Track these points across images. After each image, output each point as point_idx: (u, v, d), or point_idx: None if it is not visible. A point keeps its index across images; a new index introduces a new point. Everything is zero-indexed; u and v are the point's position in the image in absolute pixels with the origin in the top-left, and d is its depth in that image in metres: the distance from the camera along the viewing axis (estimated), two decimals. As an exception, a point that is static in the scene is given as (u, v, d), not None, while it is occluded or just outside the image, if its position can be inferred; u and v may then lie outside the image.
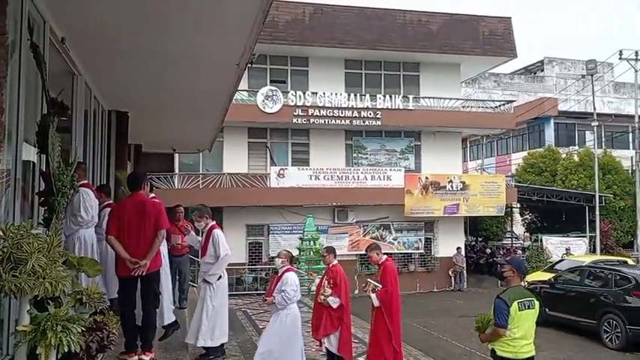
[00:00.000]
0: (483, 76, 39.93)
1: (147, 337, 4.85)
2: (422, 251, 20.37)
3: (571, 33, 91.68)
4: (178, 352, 5.87)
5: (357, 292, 18.98)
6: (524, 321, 5.07)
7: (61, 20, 4.27)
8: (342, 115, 18.63)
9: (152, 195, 5.69)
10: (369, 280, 6.91)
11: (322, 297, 6.90)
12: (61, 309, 3.25)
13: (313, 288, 7.84)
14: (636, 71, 23.64)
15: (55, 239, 3.41)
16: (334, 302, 6.79)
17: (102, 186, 6.48)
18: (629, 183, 23.89)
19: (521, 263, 5.73)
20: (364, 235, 19.66)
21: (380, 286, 6.63)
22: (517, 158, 30.69)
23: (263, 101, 17.93)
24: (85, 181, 5.36)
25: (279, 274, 6.61)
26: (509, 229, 27.90)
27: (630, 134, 26.29)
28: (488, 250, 24.39)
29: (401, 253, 20.16)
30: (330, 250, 7.42)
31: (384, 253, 7.49)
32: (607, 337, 11.34)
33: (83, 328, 3.38)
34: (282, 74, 19.71)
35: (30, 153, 4.03)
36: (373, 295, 6.66)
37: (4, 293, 2.94)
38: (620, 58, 23.66)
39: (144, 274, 4.68)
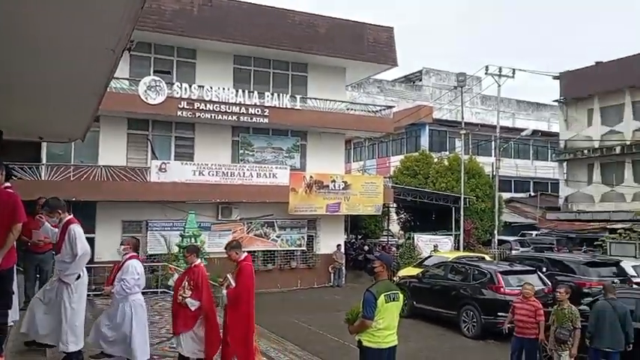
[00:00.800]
0: (368, 81, 41.86)
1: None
2: (304, 248, 20.82)
3: (450, 47, 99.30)
4: (36, 356, 5.45)
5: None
6: (389, 312, 5.42)
7: None
8: (230, 111, 18.35)
9: (7, 184, 5.19)
10: (227, 276, 6.74)
11: (181, 297, 6.66)
12: None
13: (171, 283, 7.51)
14: (499, 86, 26.31)
15: None
16: (192, 305, 6.57)
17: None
18: (490, 187, 26.50)
19: (389, 259, 6.15)
20: (248, 233, 19.63)
21: (234, 284, 6.53)
22: (395, 161, 32.57)
23: (145, 91, 17.05)
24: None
25: (121, 263, 6.38)
26: (386, 227, 29.58)
27: (492, 142, 29.15)
28: (366, 248, 25.61)
29: (284, 250, 20.45)
30: (192, 250, 7.15)
31: (248, 251, 7.45)
32: (465, 327, 12.50)
33: None
34: (168, 65, 18.95)
35: None
36: (224, 292, 6.57)
37: None
38: (486, 73, 26.17)
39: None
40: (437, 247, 21.92)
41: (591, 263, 14.27)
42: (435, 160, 28.29)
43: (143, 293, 14.15)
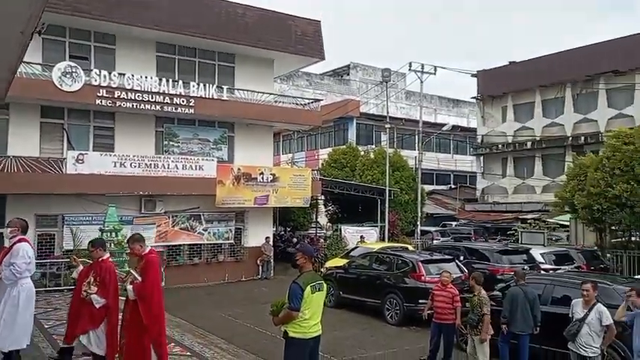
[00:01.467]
0: (297, 74, 41.98)
1: None
2: (232, 241, 20.57)
3: (380, 42, 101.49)
4: None
5: (164, 284, 18.44)
6: (315, 303, 5.53)
7: None
8: (153, 100, 17.64)
9: None
10: (130, 270, 6.53)
11: (85, 293, 6.37)
12: None
13: (74, 275, 7.08)
14: (422, 82, 27.29)
15: None
16: (98, 302, 6.31)
17: None
18: (413, 179, 27.49)
19: (311, 250, 6.23)
20: (173, 226, 19.09)
21: (140, 278, 6.31)
22: (324, 154, 32.97)
23: (60, 77, 16.00)
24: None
25: (9, 246, 6.03)
26: (314, 219, 29.89)
27: (416, 137, 30.25)
28: (294, 240, 25.74)
29: (211, 244, 20.09)
30: (98, 244, 6.86)
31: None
32: (388, 314, 12.92)
33: None
34: (85, 50, 17.90)
35: None
36: (129, 287, 6.29)
37: None
38: (409, 70, 27.05)
39: None
40: (363, 238, 22.44)
41: (504, 251, 15.22)
42: (362, 153, 28.92)
43: (59, 290, 13.46)
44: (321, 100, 25.37)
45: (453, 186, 39.02)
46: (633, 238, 19.26)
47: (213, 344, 9.87)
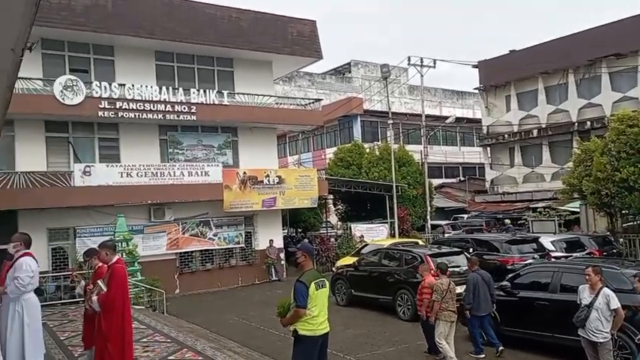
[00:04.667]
0: (299, 74, 42.04)
1: None
2: (243, 245, 20.65)
3: (379, 38, 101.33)
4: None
5: (177, 291, 18.57)
6: (320, 300, 5.57)
7: None
8: (155, 109, 17.76)
9: None
10: (98, 281, 6.36)
11: (88, 305, 6.36)
12: None
13: (78, 290, 7.03)
14: (422, 75, 27.22)
15: None
16: (97, 307, 6.22)
17: None
18: (420, 174, 27.43)
19: (311, 248, 6.24)
20: (183, 233, 19.19)
21: (105, 288, 6.16)
22: (331, 153, 32.96)
23: (62, 92, 16.16)
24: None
25: (12, 261, 6.06)
26: (325, 219, 29.90)
27: (421, 131, 30.09)
28: (306, 240, 25.75)
29: (222, 249, 20.19)
30: (90, 253, 6.84)
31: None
32: (400, 310, 12.88)
33: None
34: (84, 63, 18.03)
35: None
36: (94, 298, 6.16)
37: None
38: (408, 64, 26.97)
39: None
40: (362, 237, 22.42)
41: (513, 241, 15.10)
42: (367, 150, 28.88)
43: (74, 302, 13.57)
44: (322, 99, 25.37)
45: (462, 178, 38.81)
46: (644, 221, 19.06)
47: (227, 348, 9.90)
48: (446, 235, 24.71)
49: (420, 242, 19.63)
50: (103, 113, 16.91)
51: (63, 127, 17.56)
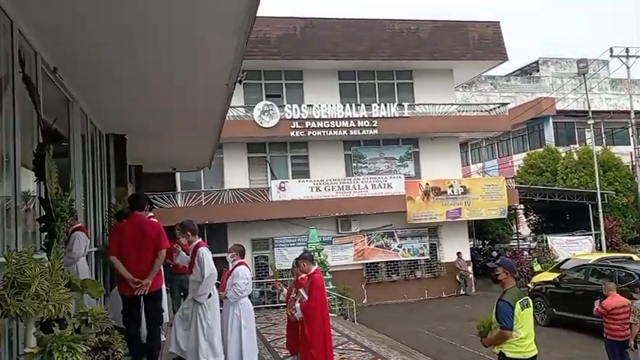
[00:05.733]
0: (480, 79, 40.14)
1: (153, 354, 4.93)
2: (427, 257, 20.37)
3: (566, 32, 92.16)
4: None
5: (365, 301, 19.06)
6: (526, 320, 5.15)
7: (51, 51, 4.39)
8: (339, 126, 18.79)
9: (150, 214, 5.77)
10: (300, 289, 6.61)
11: (290, 313, 6.67)
12: (65, 330, 3.33)
13: (282, 298, 7.58)
14: (628, 68, 23.76)
15: (57, 263, 3.51)
16: (299, 315, 6.47)
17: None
18: (630, 179, 23.89)
19: (512, 264, 5.74)
20: (369, 244, 19.68)
21: (306, 297, 6.37)
22: (518, 159, 30.74)
23: (260, 116, 18.11)
24: (79, 224, 5.58)
25: (231, 269, 6.61)
26: (515, 230, 27.88)
27: (630, 130, 26.30)
28: (494, 253, 24.31)
29: (407, 260, 20.18)
30: (300, 258, 6.98)
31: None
32: (614, 334, 11.28)
33: (89, 348, 3.47)
34: (278, 89, 19.90)
35: (29, 180, 4.14)
36: (297, 306, 6.40)
37: (9, 317, 3.03)
38: (611, 56, 23.80)
39: (146, 293, 4.77)
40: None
41: None
42: (563, 154, 26.18)
43: (275, 307, 14.84)
44: (508, 103, 23.82)
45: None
46: None
47: (419, 362, 9.79)
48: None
49: (635, 257, 17.00)
50: (295, 133, 18.42)
51: (261, 147, 19.55)
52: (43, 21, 3.88)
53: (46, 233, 3.83)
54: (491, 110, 21.60)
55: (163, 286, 6.10)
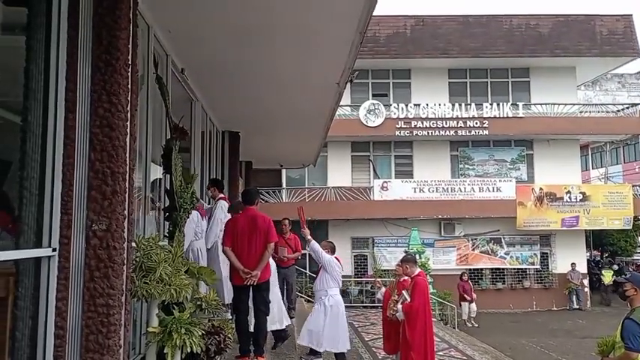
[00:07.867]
0: (605, 77, 36.79)
1: (259, 343, 5.14)
2: (538, 267, 19.14)
3: None
4: (288, 356, 6.14)
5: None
6: (655, 342, 4.64)
7: (180, 53, 4.77)
8: (447, 126, 18.26)
9: (221, 196, 6.15)
10: (403, 291, 6.62)
11: (391, 313, 6.70)
12: (184, 313, 3.60)
13: (379, 296, 7.58)
14: None
15: (179, 250, 3.80)
16: (400, 316, 6.52)
17: (215, 181, 6.61)
18: None
19: None
20: (473, 249, 18.94)
21: (409, 299, 6.41)
22: (647, 165, 27.80)
23: (365, 115, 18.16)
24: (222, 195, 6.15)
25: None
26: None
27: None
28: (615, 267, 22.21)
29: (514, 269, 19.13)
30: (404, 260, 7.04)
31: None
32: None
33: (203, 332, 3.72)
34: (384, 88, 19.80)
35: (156, 172, 4.52)
36: (399, 307, 6.46)
37: (137, 298, 3.33)
38: None
39: (255, 283, 4.99)
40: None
41: None
42: None
43: (374, 307, 14.86)
44: (639, 103, 21.59)
45: None
46: None
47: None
48: None
49: None
50: (400, 132, 18.23)
51: (365, 146, 19.59)
52: (175, 25, 4.21)
53: (169, 222, 4.15)
54: (618, 111, 19.78)
55: (272, 279, 6.33)
